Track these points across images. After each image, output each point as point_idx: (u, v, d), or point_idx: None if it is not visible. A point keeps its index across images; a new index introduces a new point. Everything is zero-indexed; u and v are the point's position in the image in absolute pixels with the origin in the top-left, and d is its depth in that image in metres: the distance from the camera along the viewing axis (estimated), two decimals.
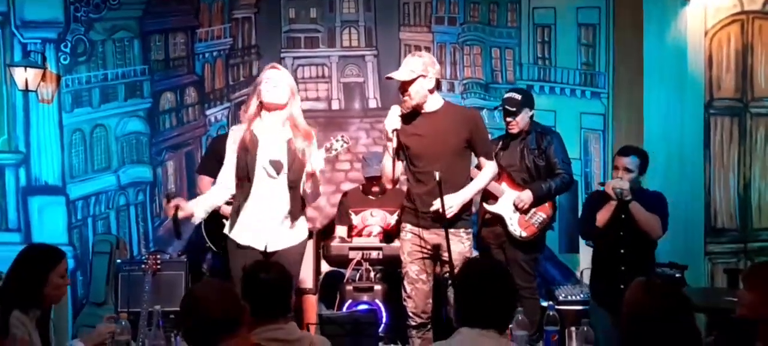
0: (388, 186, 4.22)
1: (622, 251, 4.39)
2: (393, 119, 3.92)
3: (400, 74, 3.96)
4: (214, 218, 4.79)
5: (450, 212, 3.90)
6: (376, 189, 5.13)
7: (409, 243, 4.03)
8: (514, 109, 4.59)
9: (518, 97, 4.63)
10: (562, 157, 4.64)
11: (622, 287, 4.09)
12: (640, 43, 5.41)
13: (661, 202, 4.48)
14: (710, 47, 5.46)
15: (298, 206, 3.94)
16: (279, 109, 3.89)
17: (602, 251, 4.54)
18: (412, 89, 3.93)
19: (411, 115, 3.99)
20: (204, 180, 4.92)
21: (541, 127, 4.76)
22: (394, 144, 3.94)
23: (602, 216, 4.42)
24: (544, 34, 5.77)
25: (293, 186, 3.88)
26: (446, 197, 3.88)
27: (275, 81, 3.88)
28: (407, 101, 3.96)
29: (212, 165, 4.84)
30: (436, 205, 3.87)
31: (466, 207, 4.04)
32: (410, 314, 4.05)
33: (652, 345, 2.48)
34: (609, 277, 4.37)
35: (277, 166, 3.85)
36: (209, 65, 5.87)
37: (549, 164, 4.63)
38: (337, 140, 4.00)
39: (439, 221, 3.91)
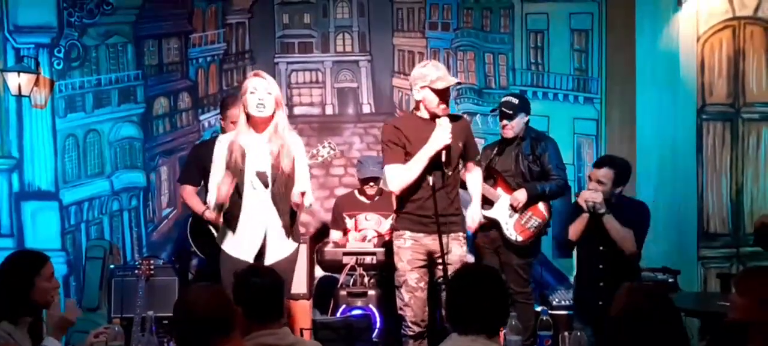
0: (396, 192, 4.12)
1: (600, 266, 4.29)
2: (447, 133, 3.82)
3: (450, 81, 3.91)
4: (199, 223, 4.78)
5: (475, 224, 4.10)
6: (371, 191, 5.13)
7: (410, 251, 3.95)
8: (511, 112, 4.61)
9: (516, 101, 4.66)
10: (556, 163, 4.66)
11: (600, 303, 4.08)
12: (633, 48, 5.43)
13: (642, 214, 4.37)
14: (702, 53, 5.49)
15: (289, 217, 3.86)
16: (264, 121, 3.81)
17: (582, 265, 4.47)
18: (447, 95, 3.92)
19: (410, 123, 3.97)
20: (186, 189, 4.88)
21: (536, 133, 4.78)
22: (443, 158, 3.84)
23: (575, 229, 4.36)
24: (537, 39, 5.79)
25: (281, 199, 3.81)
26: (469, 212, 4.07)
27: (260, 93, 3.77)
28: (447, 108, 3.92)
29: (194, 174, 4.81)
30: (470, 221, 4.06)
31: (460, 209, 4.05)
32: (409, 323, 3.97)
33: None
34: (589, 292, 4.31)
35: (263, 178, 3.78)
36: (203, 70, 5.87)
37: (544, 170, 4.65)
38: (323, 147, 3.97)
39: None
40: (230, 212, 3.86)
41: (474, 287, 2.64)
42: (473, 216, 4.10)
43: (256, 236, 3.83)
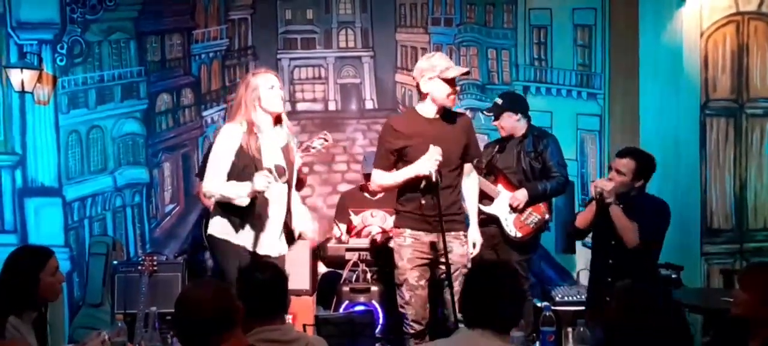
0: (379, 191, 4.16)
1: (610, 261, 4.20)
2: (431, 164, 3.76)
3: (460, 69, 3.95)
4: None
5: (477, 250, 4.01)
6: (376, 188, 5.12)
7: (410, 249, 3.93)
8: (492, 113, 4.71)
9: (499, 101, 4.73)
10: (557, 160, 4.67)
11: (607, 299, 4.05)
12: (636, 43, 5.41)
13: (661, 212, 4.26)
14: (706, 48, 5.47)
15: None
16: (275, 117, 3.83)
17: (595, 259, 4.41)
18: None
19: (412, 121, 3.95)
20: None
21: (538, 130, 4.80)
22: (421, 184, 3.82)
23: (582, 217, 4.30)
24: (540, 35, 5.78)
25: (290, 192, 3.86)
26: (470, 236, 3.99)
27: (278, 90, 3.81)
28: (455, 98, 3.95)
29: None
30: (471, 247, 3.97)
31: (461, 208, 4.04)
32: (410, 322, 3.95)
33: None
34: (599, 287, 4.23)
35: (280, 171, 3.78)
36: (205, 66, 5.87)
37: (545, 167, 4.65)
38: (318, 139, 4.01)
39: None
40: (244, 208, 3.75)
41: (492, 284, 2.63)
42: (475, 241, 4.01)
43: (275, 229, 3.83)
